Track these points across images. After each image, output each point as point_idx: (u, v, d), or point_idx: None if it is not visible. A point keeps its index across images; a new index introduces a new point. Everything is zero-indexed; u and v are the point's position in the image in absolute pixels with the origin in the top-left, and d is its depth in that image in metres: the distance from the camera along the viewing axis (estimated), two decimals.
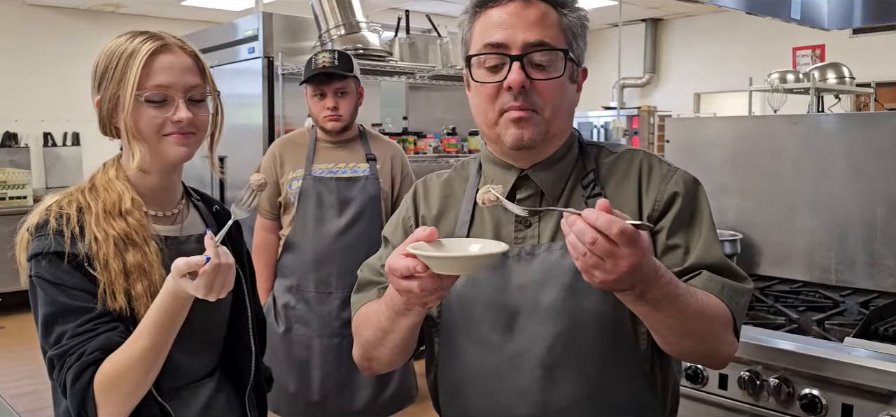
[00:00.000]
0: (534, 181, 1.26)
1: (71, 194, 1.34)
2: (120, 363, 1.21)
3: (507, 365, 1.22)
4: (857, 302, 2.23)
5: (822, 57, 8.45)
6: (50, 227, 1.27)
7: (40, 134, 7.79)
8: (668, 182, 1.24)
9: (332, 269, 2.69)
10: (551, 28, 1.19)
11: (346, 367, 2.70)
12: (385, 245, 1.40)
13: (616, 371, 1.21)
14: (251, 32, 4.34)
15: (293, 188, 2.69)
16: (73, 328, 1.23)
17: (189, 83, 1.33)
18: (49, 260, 1.26)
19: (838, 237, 2.47)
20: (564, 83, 1.21)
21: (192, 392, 1.40)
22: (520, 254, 1.23)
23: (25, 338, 5.96)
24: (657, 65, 10.51)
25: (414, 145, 4.60)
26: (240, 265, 1.50)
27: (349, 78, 2.66)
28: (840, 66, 6.27)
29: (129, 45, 1.31)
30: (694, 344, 1.15)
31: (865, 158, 2.43)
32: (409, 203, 1.39)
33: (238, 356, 1.50)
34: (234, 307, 1.49)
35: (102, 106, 1.34)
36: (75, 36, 7.75)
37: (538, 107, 1.18)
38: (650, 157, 1.28)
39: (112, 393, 1.21)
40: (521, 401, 1.22)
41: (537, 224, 1.25)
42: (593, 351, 1.19)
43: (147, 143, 1.32)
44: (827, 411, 1.70)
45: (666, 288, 1.05)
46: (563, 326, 1.18)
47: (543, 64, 1.18)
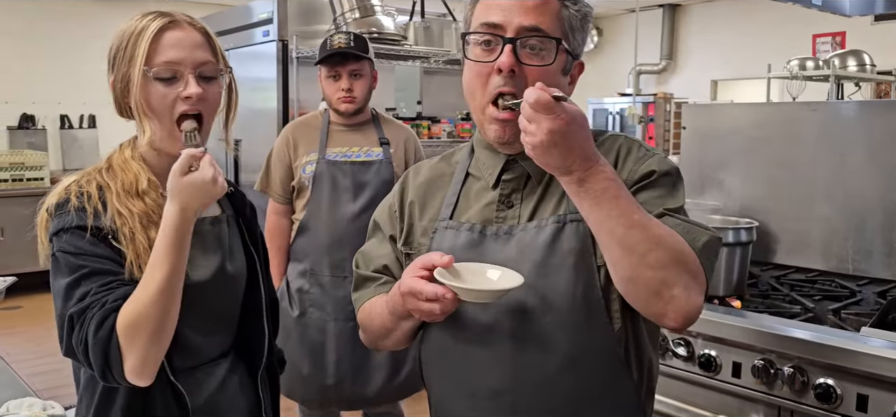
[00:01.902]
0: (521, 164, 1.28)
1: (89, 174, 1.34)
2: (138, 302, 1.18)
3: (482, 337, 1.25)
4: (873, 292, 2.20)
5: (842, 44, 8.34)
6: (71, 204, 1.27)
7: (57, 116, 7.83)
8: (644, 161, 1.25)
9: (347, 253, 2.68)
10: (548, 16, 1.21)
11: (361, 351, 2.70)
12: (375, 231, 1.44)
13: (588, 348, 1.22)
14: (266, 15, 4.34)
15: (307, 172, 2.69)
16: (96, 287, 1.21)
17: (199, 59, 1.32)
18: (71, 232, 1.25)
19: (856, 226, 2.44)
20: (554, 72, 1.22)
21: (205, 372, 1.41)
22: (498, 233, 1.27)
23: (42, 318, 6.02)
24: (674, 51, 10.42)
25: (428, 130, 4.60)
26: (254, 247, 1.51)
27: (364, 60, 2.65)
28: (861, 53, 6.19)
29: (139, 24, 1.32)
30: (645, 271, 1.08)
31: (885, 147, 2.39)
32: (397, 189, 1.43)
33: (251, 337, 1.51)
34: (248, 288, 1.49)
35: (116, 86, 1.34)
36: (92, 19, 7.77)
37: (524, 94, 1.19)
38: (630, 141, 1.30)
39: (135, 337, 1.17)
40: (494, 371, 1.25)
41: (519, 205, 1.28)
42: (565, 327, 1.21)
43: (159, 122, 1.32)
44: (841, 401, 1.69)
45: (607, 183, 1.08)
46: (533, 300, 1.21)
47: (535, 50, 1.20)
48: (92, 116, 7.91)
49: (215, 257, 1.41)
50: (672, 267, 1.09)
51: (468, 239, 1.28)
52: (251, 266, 1.50)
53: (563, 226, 1.23)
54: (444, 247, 1.26)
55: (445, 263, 1.15)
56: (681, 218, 1.20)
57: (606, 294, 1.21)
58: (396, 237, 1.38)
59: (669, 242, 1.10)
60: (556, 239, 1.22)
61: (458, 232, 1.29)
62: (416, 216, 1.36)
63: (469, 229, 1.28)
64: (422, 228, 1.35)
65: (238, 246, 1.48)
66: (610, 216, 1.08)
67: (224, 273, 1.42)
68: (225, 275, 1.42)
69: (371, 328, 1.38)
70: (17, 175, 6.84)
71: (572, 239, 1.21)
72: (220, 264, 1.41)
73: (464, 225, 1.29)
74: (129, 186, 1.32)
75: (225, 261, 1.42)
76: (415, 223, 1.36)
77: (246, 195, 1.59)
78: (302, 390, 2.75)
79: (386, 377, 2.72)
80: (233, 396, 1.46)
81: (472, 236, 1.28)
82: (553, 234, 1.22)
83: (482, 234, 1.27)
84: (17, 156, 6.94)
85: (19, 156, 6.94)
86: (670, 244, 1.10)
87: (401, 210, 1.39)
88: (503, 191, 1.29)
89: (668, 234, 1.11)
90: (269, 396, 1.55)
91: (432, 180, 1.39)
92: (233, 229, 1.48)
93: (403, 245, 1.36)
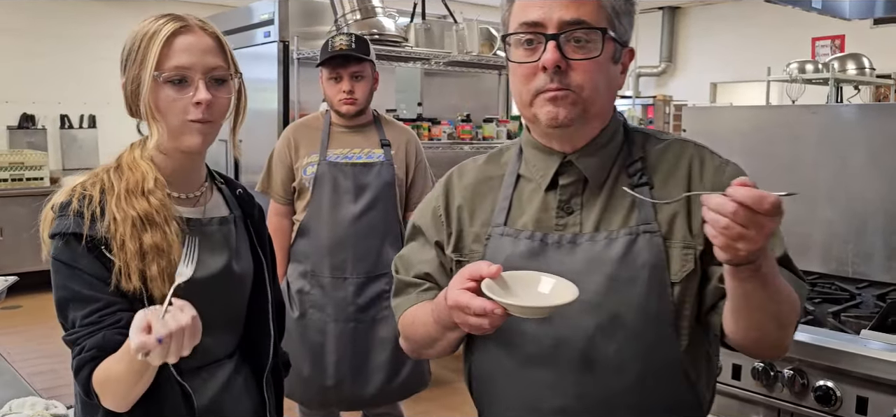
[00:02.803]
0: (577, 167, 1.22)
1: (96, 174, 1.36)
2: (109, 372, 1.23)
3: (543, 356, 1.19)
4: (873, 295, 2.21)
5: (841, 47, 8.35)
6: (72, 208, 1.29)
7: (57, 116, 7.83)
8: (723, 175, 1.20)
9: (348, 255, 2.69)
10: (590, 5, 1.14)
11: (361, 352, 2.71)
12: (416, 234, 1.37)
13: (656, 367, 1.17)
14: (267, 16, 4.34)
15: (308, 173, 2.70)
16: (81, 317, 1.26)
17: (209, 64, 1.33)
18: (66, 241, 1.28)
19: (856, 229, 2.45)
20: (603, 63, 1.16)
21: (211, 372, 1.42)
22: (560, 242, 1.20)
23: (44, 318, 6.02)
24: (674, 53, 10.43)
25: (428, 131, 4.60)
26: (262, 249, 1.52)
27: (366, 62, 2.66)
28: (860, 56, 6.20)
29: (152, 27, 1.33)
30: (774, 330, 1.13)
31: (885, 150, 2.40)
32: (440, 191, 1.35)
33: (257, 339, 1.51)
34: (254, 290, 1.50)
35: (127, 87, 1.36)
36: (92, 18, 7.77)
37: (574, 88, 1.14)
38: (701, 149, 1.24)
39: (106, 393, 1.25)
40: (556, 393, 1.20)
41: (579, 212, 1.21)
42: (633, 346, 1.16)
43: (168, 126, 1.33)
44: (841, 403, 1.69)
45: (773, 264, 1.05)
46: (605, 318, 1.16)
47: (581, 43, 1.14)
48: (92, 116, 7.90)
49: (222, 257, 1.42)
50: (793, 325, 1.15)
51: (528, 247, 1.21)
52: (258, 267, 1.51)
53: (635, 239, 1.16)
54: (502, 256, 1.21)
55: (493, 273, 1.08)
56: (788, 270, 1.18)
57: (679, 311, 1.16)
58: (443, 243, 1.31)
59: (794, 303, 1.13)
60: (629, 252, 1.16)
61: (516, 239, 1.22)
62: (465, 221, 1.29)
63: (528, 237, 1.22)
64: (473, 234, 1.28)
65: (245, 247, 1.49)
66: (769, 296, 1.05)
67: (231, 273, 1.43)
68: (231, 275, 1.43)
69: (414, 336, 1.31)
70: (17, 175, 6.84)
71: (646, 252, 1.16)
72: (227, 264, 1.42)
73: (522, 233, 1.22)
74: (133, 186, 1.32)
75: (232, 261, 1.43)
76: (465, 228, 1.29)
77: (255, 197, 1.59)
78: (302, 391, 2.76)
79: (385, 378, 2.73)
80: (237, 396, 1.47)
81: (533, 244, 1.21)
82: (626, 247, 1.16)
83: (543, 243, 1.20)
84: (17, 155, 6.94)
85: (19, 155, 6.94)
86: (794, 305, 1.14)
87: (447, 214, 1.31)
88: (562, 197, 1.22)
89: (792, 294, 1.13)
90: (274, 398, 1.56)
91: (480, 182, 1.31)
92: (240, 230, 1.48)
93: (453, 252, 1.29)
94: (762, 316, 1.09)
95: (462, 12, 4.97)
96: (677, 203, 1.18)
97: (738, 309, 1.09)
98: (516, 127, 5.10)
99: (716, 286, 1.16)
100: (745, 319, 1.10)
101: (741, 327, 1.11)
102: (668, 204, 1.17)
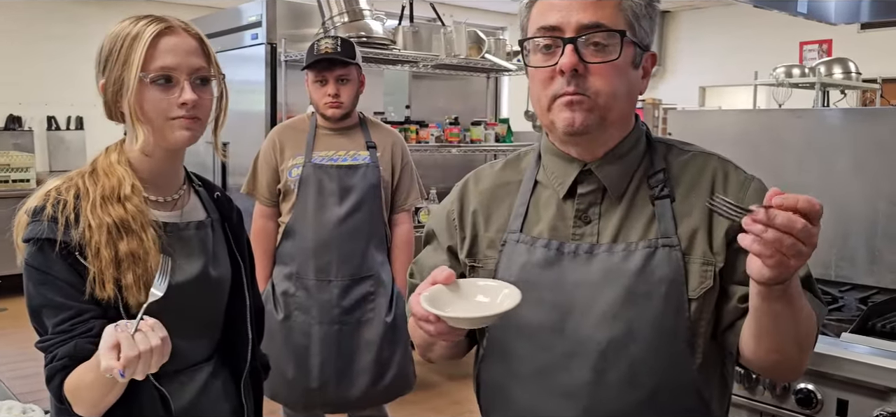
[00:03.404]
0: (596, 176, 1.19)
1: (71, 179, 1.35)
2: (80, 381, 1.24)
3: (555, 366, 1.18)
4: (856, 298, 2.22)
5: (829, 51, 8.41)
6: (46, 213, 1.28)
7: (44, 117, 7.78)
8: (747, 190, 1.18)
9: (332, 257, 2.69)
10: (609, 8, 1.12)
11: (345, 354, 2.71)
12: (430, 239, 1.36)
13: (669, 384, 1.15)
14: (255, 19, 4.33)
15: (293, 175, 2.69)
16: (53, 325, 1.26)
17: (194, 65, 1.32)
18: (39, 247, 1.27)
19: (840, 232, 2.46)
20: (622, 67, 1.13)
21: (188, 375, 1.41)
22: (577, 252, 1.18)
23: (27, 321, 5.98)
24: (663, 57, 10.47)
25: (416, 134, 4.59)
26: (240, 252, 1.51)
27: (351, 65, 2.65)
28: (846, 61, 6.24)
29: (134, 28, 1.31)
30: (795, 353, 1.11)
31: (868, 154, 2.41)
32: (455, 195, 1.33)
33: (235, 342, 1.50)
34: (232, 294, 1.49)
35: (107, 89, 1.34)
36: (80, 19, 7.74)
37: (592, 92, 1.12)
38: (725, 163, 1.22)
39: (77, 401, 1.26)
40: (567, 404, 1.18)
41: (597, 221, 1.19)
42: (648, 360, 1.14)
43: (152, 126, 1.31)
44: (822, 406, 1.70)
45: (798, 282, 1.03)
46: (619, 331, 1.14)
47: (600, 46, 1.12)
48: (79, 118, 7.86)
49: (198, 261, 1.41)
50: (811, 348, 1.15)
51: (544, 256, 1.19)
52: (236, 272, 1.50)
53: (654, 252, 1.14)
54: (517, 263, 1.20)
55: (443, 279, 1.08)
56: (810, 291, 1.16)
57: (695, 328, 1.14)
58: (456, 248, 1.30)
59: (814, 324, 1.12)
60: (647, 266, 1.14)
61: (531, 247, 1.20)
62: (480, 226, 1.27)
63: (545, 245, 1.19)
64: (488, 240, 1.26)
65: (223, 251, 1.48)
66: (793, 317, 1.04)
67: (207, 277, 1.41)
68: (208, 280, 1.42)
69: (415, 339, 1.30)
70: (3, 176, 6.81)
71: (664, 266, 1.13)
72: (203, 268, 1.41)
73: (538, 241, 1.20)
74: (109, 192, 1.31)
75: (208, 266, 1.42)
76: (479, 233, 1.27)
77: (233, 200, 1.58)
78: (286, 393, 2.75)
79: (370, 380, 2.73)
80: (215, 400, 1.46)
81: (548, 253, 1.19)
82: (644, 260, 1.14)
83: (559, 252, 1.18)
84: (3, 157, 6.91)
85: (5, 157, 6.90)
86: (814, 327, 1.13)
87: (461, 218, 1.30)
88: (579, 206, 1.20)
89: (812, 316, 1.11)
90: (252, 402, 1.55)
91: (497, 187, 1.29)
92: (218, 234, 1.47)
93: (467, 257, 1.27)
94: (785, 338, 1.08)
95: (451, 15, 4.97)
96: (698, 217, 1.16)
97: (764, 330, 1.07)
98: (504, 130, 5.11)
99: (736, 305, 1.14)
100: (769, 340, 1.08)
101: (763, 348, 1.10)
102: (682, 198, 1.17)
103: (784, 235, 0.91)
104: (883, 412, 1.61)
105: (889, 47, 7.75)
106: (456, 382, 4.42)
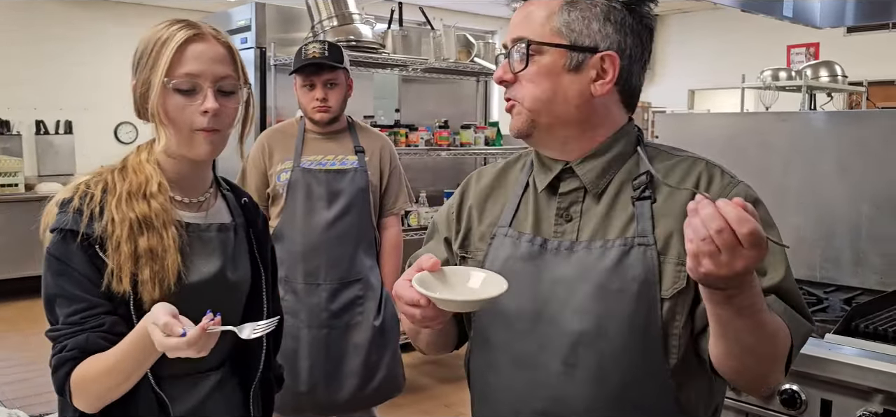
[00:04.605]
0: (577, 175, 1.24)
1: (100, 174, 1.38)
2: (91, 372, 1.26)
3: (528, 356, 1.21)
4: (840, 299, 2.24)
5: (816, 55, 8.47)
6: (72, 205, 1.32)
7: (33, 121, 7.74)
8: (729, 193, 1.17)
9: (321, 261, 2.69)
10: (535, 23, 1.19)
11: (334, 357, 2.71)
12: (432, 233, 1.41)
13: (640, 381, 1.16)
14: (244, 22, 4.33)
15: (282, 179, 2.70)
16: (65, 315, 1.28)
17: (219, 73, 1.34)
18: (62, 236, 1.30)
19: (824, 234, 2.48)
20: (552, 74, 1.19)
21: (192, 382, 1.41)
22: (558, 248, 1.22)
23: (20, 325, 5.95)
24: (653, 61, 10.41)
25: (405, 138, 4.60)
26: (262, 259, 1.52)
27: (339, 69, 2.66)
28: (832, 64, 6.29)
29: (165, 33, 1.34)
30: (753, 365, 1.10)
31: (853, 156, 2.43)
32: (458, 191, 1.40)
33: (248, 351, 1.49)
34: (251, 300, 1.49)
35: (137, 90, 1.37)
36: (69, 24, 7.71)
37: (519, 98, 1.22)
38: (712, 167, 1.23)
39: (83, 393, 1.28)
40: (537, 393, 1.21)
41: (578, 219, 1.23)
42: (617, 356, 1.16)
43: (177, 132, 1.34)
44: (806, 407, 1.72)
45: (754, 298, 1.01)
46: (589, 325, 1.16)
47: (525, 56, 1.20)
48: (68, 122, 7.82)
49: (216, 262, 1.41)
50: (778, 362, 1.11)
51: (528, 250, 1.23)
52: (255, 280, 1.50)
53: (629, 250, 1.16)
54: (502, 255, 1.25)
55: (430, 266, 1.13)
56: (786, 303, 1.14)
57: (667, 328, 1.15)
58: (451, 239, 1.36)
59: (781, 340, 1.10)
60: (621, 263, 1.16)
61: (517, 241, 1.25)
62: (474, 220, 1.33)
63: (530, 241, 1.24)
64: (480, 233, 1.32)
65: (244, 255, 1.48)
66: (746, 326, 1.03)
67: (224, 279, 1.42)
68: (225, 282, 1.42)
69: (405, 327, 1.34)
70: None
71: (638, 265, 1.16)
72: (220, 270, 1.41)
73: (524, 236, 1.25)
74: (136, 188, 1.35)
75: (226, 268, 1.42)
76: (473, 227, 1.33)
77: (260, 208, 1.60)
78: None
79: (359, 384, 2.73)
80: (218, 409, 1.44)
81: (532, 248, 1.23)
82: (618, 257, 1.16)
83: (542, 248, 1.22)
84: None
85: None
86: (781, 342, 1.10)
87: (459, 212, 1.36)
88: (561, 204, 1.25)
89: (781, 331, 1.10)
90: (261, 412, 1.53)
91: (494, 185, 1.35)
92: (240, 238, 1.48)
93: (459, 248, 1.34)
94: (738, 347, 1.07)
95: (441, 19, 4.98)
96: (677, 220, 1.15)
97: (717, 335, 1.07)
98: (494, 133, 5.12)
99: (704, 308, 1.12)
100: (722, 346, 1.08)
101: (720, 352, 1.10)
102: (662, 199, 1.18)
103: (701, 227, 0.91)
104: (866, 412, 1.62)
105: (875, 51, 7.81)
106: (447, 385, 4.43)
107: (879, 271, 2.36)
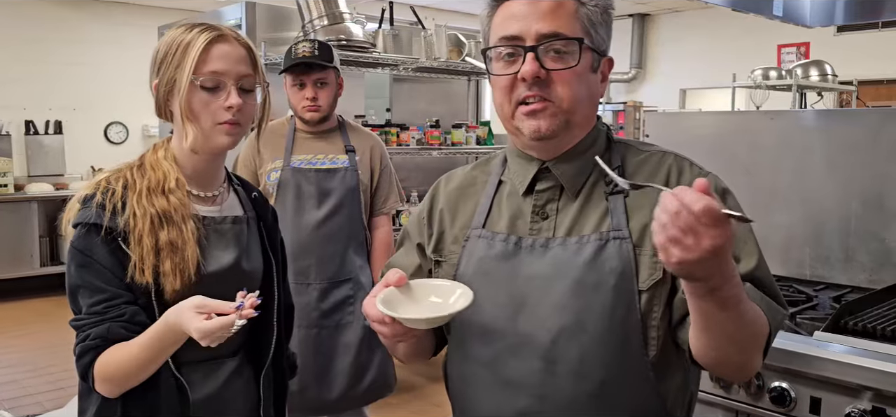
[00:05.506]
0: (554, 174, 1.24)
1: (120, 171, 1.46)
2: (114, 360, 1.34)
3: (508, 354, 1.21)
4: (829, 297, 2.25)
5: (806, 54, 8.50)
6: (95, 200, 1.39)
7: (22, 121, 7.69)
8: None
9: (311, 260, 2.69)
10: (566, 18, 1.17)
11: (324, 357, 2.70)
12: (404, 239, 1.40)
13: (620, 374, 1.17)
14: (234, 22, 4.31)
15: (272, 179, 2.69)
16: (87, 305, 1.36)
17: (241, 72, 1.43)
18: (86, 230, 1.37)
19: (813, 232, 2.49)
20: (582, 73, 1.18)
21: (211, 367, 1.49)
22: (533, 245, 1.21)
23: (9, 327, 5.92)
24: (644, 60, 10.53)
25: (397, 137, 4.59)
26: (273, 250, 1.60)
27: (329, 68, 2.65)
28: (823, 63, 6.32)
29: (189, 36, 1.42)
30: (734, 354, 1.11)
31: (842, 155, 2.44)
32: (428, 196, 1.39)
33: (262, 338, 1.57)
34: (263, 289, 1.54)
35: (159, 89, 1.45)
36: (59, 24, 7.66)
37: (554, 98, 1.17)
38: (682, 161, 1.24)
39: (105, 381, 1.36)
40: (519, 393, 1.20)
41: (554, 217, 1.23)
42: (597, 351, 1.16)
43: (200, 127, 1.41)
44: (796, 404, 1.72)
45: (736, 288, 1.01)
46: (568, 321, 1.16)
47: (559, 54, 1.17)
48: (58, 122, 7.77)
49: (232, 253, 1.49)
50: (758, 350, 1.13)
51: (502, 249, 1.23)
52: (267, 270, 1.58)
53: (605, 244, 1.17)
54: (477, 256, 1.24)
55: (395, 281, 1.14)
56: (762, 292, 1.15)
57: (646, 320, 1.16)
58: (424, 244, 1.34)
59: (760, 328, 1.11)
60: (598, 257, 1.16)
61: (491, 241, 1.24)
62: (446, 223, 1.32)
63: (504, 240, 1.23)
64: (453, 236, 1.31)
65: (256, 247, 1.56)
66: (729, 318, 1.03)
67: (240, 269, 1.50)
68: (241, 271, 1.50)
69: (382, 340, 1.33)
70: None
71: (614, 258, 1.16)
72: (236, 260, 1.49)
73: (498, 236, 1.24)
74: (155, 185, 1.42)
75: (241, 259, 1.51)
76: (445, 230, 1.32)
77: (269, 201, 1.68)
78: None
79: (349, 383, 2.72)
80: (235, 394, 1.52)
81: (507, 247, 1.23)
82: (595, 252, 1.17)
83: (517, 246, 1.22)
84: None
85: None
86: (760, 330, 1.11)
87: (430, 216, 1.35)
88: (537, 202, 1.24)
89: (759, 319, 1.10)
90: (271, 395, 1.60)
91: (464, 187, 1.34)
92: (252, 230, 1.56)
93: (433, 252, 1.32)
94: (721, 338, 1.08)
95: (433, 19, 4.98)
96: (651, 212, 1.14)
97: (698, 326, 1.08)
98: (485, 132, 5.12)
99: (682, 299, 1.15)
100: (705, 337, 1.09)
101: (702, 344, 1.11)
102: (635, 193, 1.17)
103: (660, 213, 0.92)
104: (855, 409, 1.63)
105: (865, 50, 7.85)
106: (437, 384, 4.42)
107: (868, 269, 2.38)
